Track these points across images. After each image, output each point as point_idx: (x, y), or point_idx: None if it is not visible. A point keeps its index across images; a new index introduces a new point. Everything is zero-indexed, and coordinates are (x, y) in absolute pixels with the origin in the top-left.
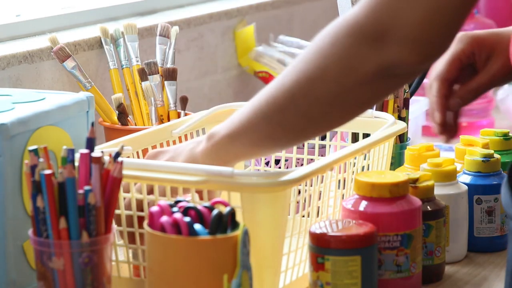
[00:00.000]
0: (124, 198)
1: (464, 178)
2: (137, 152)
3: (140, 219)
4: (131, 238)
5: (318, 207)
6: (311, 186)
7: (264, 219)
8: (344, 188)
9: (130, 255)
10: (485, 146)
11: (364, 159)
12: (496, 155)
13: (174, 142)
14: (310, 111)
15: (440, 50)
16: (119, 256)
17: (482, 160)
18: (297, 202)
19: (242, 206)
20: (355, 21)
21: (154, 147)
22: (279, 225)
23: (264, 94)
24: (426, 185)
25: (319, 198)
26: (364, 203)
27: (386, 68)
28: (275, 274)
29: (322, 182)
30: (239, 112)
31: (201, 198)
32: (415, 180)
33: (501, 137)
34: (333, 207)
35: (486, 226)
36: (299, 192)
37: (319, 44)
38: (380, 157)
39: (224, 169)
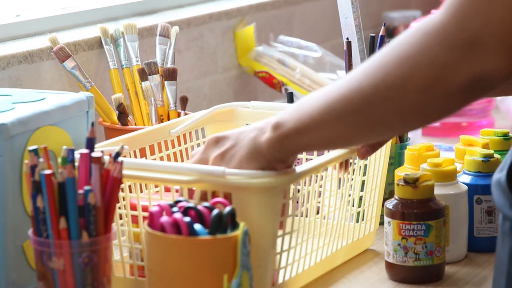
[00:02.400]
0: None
1: (464, 178)
2: (134, 151)
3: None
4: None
5: (318, 207)
6: (310, 185)
7: (256, 218)
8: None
9: (126, 254)
10: (485, 146)
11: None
12: (496, 155)
13: (172, 142)
14: (387, 117)
15: None
16: (116, 255)
17: (482, 160)
18: (297, 202)
19: (234, 205)
20: (444, 29)
21: (151, 146)
22: (271, 225)
23: (337, 92)
24: (426, 185)
25: (319, 197)
26: None
27: (479, 78)
28: (267, 273)
29: (321, 180)
30: (307, 105)
31: (191, 197)
32: (415, 180)
33: (501, 137)
34: (333, 207)
35: (486, 226)
36: (299, 191)
37: (403, 50)
38: (378, 157)
39: (216, 168)
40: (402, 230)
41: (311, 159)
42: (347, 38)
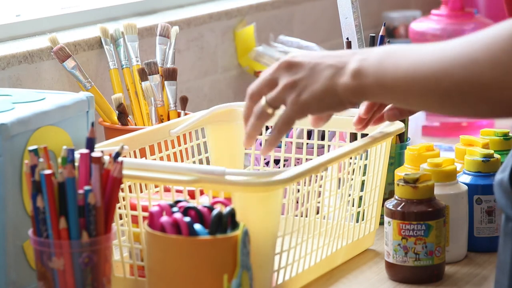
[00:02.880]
0: None
1: (464, 178)
2: (134, 151)
3: None
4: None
5: (318, 207)
6: (310, 185)
7: (256, 218)
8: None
9: (126, 254)
10: (485, 146)
11: (361, 159)
12: (496, 155)
13: (172, 142)
14: (477, 108)
15: None
16: (116, 255)
17: (482, 160)
18: (297, 202)
19: (234, 205)
20: None
21: (151, 146)
22: (270, 224)
23: (428, 67)
24: (426, 185)
25: (319, 197)
26: None
27: None
28: (267, 273)
29: (321, 180)
30: (394, 62)
31: (192, 197)
32: (415, 180)
33: (501, 137)
34: (333, 207)
35: (486, 226)
36: (299, 191)
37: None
38: (377, 157)
39: (216, 168)
40: (402, 230)
41: (311, 159)
42: (347, 38)
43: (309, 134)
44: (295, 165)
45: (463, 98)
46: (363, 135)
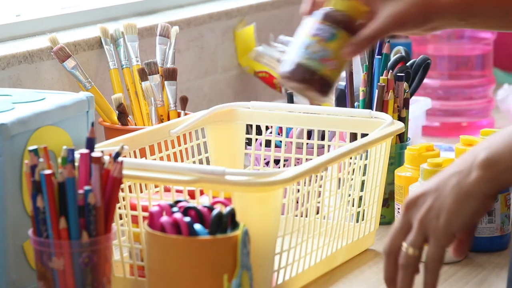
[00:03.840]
0: None
1: None
2: (134, 151)
3: None
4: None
5: (318, 207)
6: (310, 185)
7: (256, 218)
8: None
9: (126, 254)
10: None
11: (361, 159)
12: None
13: (172, 142)
14: None
15: None
16: (116, 255)
17: None
18: (297, 202)
19: (234, 205)
20: None
21: (151, 146)
22: (270, 224)
23: None
24: None
25: (319, 197)
26: None
27: None
28: (267, 273)
29: (321, 180)
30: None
31: (192, 197)
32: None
33: None
34: (333, 207)
35: (486, 226)
36: (298, 191)
37: None
38: (378, 157)
39: (216, 168)
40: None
41: (311, 159)
42: None
43: (309, 134)
44: (295, 165)
45: None
46: (363, 135)
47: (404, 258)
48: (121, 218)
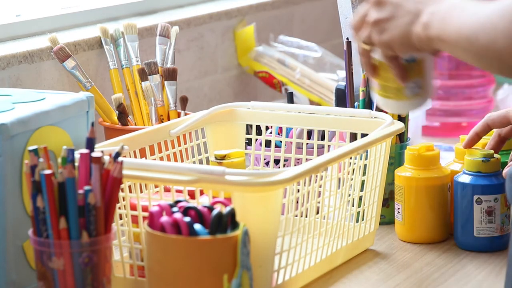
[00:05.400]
0: None
1: (464, 178)
2: (134, 151)
3: None
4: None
5: (318, 207)
6: (310, 185)
7: (256, 218)
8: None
9: (126, 254)
10: (485, 146)
11: (361, 159)
12: (496, 155)
13: (172, 142)
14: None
15: None
16: (116, 255)
17: (482, 160)
18: (297, 202)
19: (234, 205)
20: None
21: (151, 146)
22: (270, 224)
23: (473, 24)
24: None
25: (319, 197)
26: None
27: None
28: (267, 273)
29: (321, 180)
30: (457, 16)
31: (192, 197)
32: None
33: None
34: (333, 207)
35: (486, 226)
36: (298, 191)
37: None
38: (377, 157)
39: (215, 168)
40: None
41: (311, 159)
42: (347, 38)
43: (309, 134)
44: (295, 165)
45: (488, 61)
46: (363, 135)
47: (359, 48)
48: (121, 218)
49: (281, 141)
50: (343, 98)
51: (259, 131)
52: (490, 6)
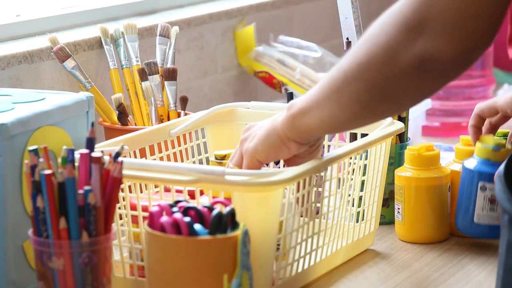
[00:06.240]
0: None
1: (472, 163)
2: (134, 151)
3: None
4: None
5: (318, 207)
6: (310, 185)
7: (256, 218)
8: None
9: (126, 254)
10: (502, 134)
11: (361, 159)
12: (509, 146)
13: (172, 142)
14: (360, 96)
15: (480, 41)
16: (116, 255)
17: (493, 149)
18: (297, 202)
19: (234, 205)
20: (399, 10)
21: (151, 146)
22: (270, 225)
23: (330, 72)
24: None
25: (319, 197)
26: None
27: (424, 59)
28: (267, 273)
29: (321, 180)
30: (316, 86)
31: (192, 197)
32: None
33: (501, 137)
34: (333, 207)
35: (487, 214)
36: (299, 191)
37: (370, 31)
38: (378, 157)
39: (215, 168)
40: None
41: None
42: (347, 38)
43: None
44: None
45: (348, 87)
46: (363, 135)
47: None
48: (121, 218)
49: None
50: None
51: None
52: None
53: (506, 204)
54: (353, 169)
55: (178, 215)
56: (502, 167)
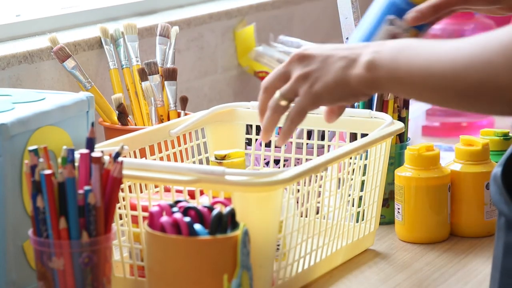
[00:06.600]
0: None
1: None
2: (134, 151)
3: None
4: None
5: (318, 207)
6: (310, 185)
7: (256, 218)
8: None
9: (126, 254)
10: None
11: (361, 159)
12: None
13: (172, 142)
14: (461, 101)
15: None
16: (116, 255)
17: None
18: (297, 202)
19: (234, 205)
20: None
21: (151, 146)
22: (270, 225)
23: (442, 66)
24: None
25: (319, 197)
26: None
27: None
28: (267, 273)
29: (321, 180)
30: (409, 57)
31: (192, 197)
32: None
33: (501, 137)
34: (333, 207)
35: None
36: (299, 191)
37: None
38: (377, 157)
39: (215, 168)
40: None
41: (311, 159)
42: (347, 38)
43: (309, 134)
44: (295, 165)
45: (477, 98)
46: (363, 135)
47: (274, 102)
48: (121, 218)
49: None
50: None
51: (259, 131)
52: (468, 42)
53: (502, 207)
54: (353, 169)
55: (178, 215)
56: (498, 169)
